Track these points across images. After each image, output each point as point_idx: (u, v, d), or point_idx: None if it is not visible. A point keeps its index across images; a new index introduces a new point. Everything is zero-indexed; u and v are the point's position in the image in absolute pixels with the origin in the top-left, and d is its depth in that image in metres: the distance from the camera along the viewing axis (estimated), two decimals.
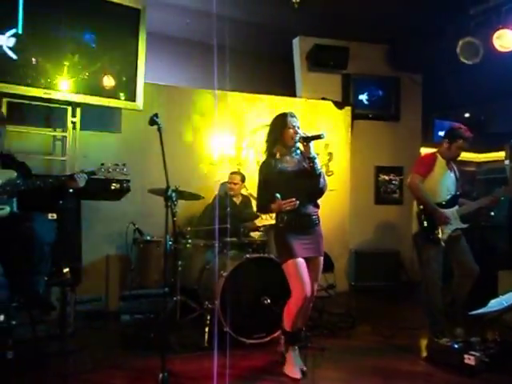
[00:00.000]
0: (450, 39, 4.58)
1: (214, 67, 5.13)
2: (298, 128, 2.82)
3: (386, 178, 5.94)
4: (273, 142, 2.89)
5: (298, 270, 2.72)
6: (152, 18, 4.25)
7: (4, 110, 3.56)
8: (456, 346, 3.00)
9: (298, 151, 2.88)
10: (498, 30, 4.06)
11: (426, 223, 3.42)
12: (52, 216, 2.80)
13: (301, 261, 2.74)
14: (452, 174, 3.56)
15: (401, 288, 5.40)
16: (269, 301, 3.35)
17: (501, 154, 7.33)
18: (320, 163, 2.87)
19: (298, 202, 2.70)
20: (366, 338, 3.66)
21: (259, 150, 4.99)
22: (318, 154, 2.87)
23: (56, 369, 2.81)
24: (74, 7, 3.80)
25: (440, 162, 3.51)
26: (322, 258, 2.88)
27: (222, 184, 4.63)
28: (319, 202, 2.92)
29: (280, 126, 2.84)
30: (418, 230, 3.51)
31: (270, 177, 2.82)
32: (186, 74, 5.44)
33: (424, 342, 3.66)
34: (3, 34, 3.48)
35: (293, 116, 2.87)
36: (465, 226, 3.48)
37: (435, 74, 5.73)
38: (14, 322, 2.52)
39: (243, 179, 4.45)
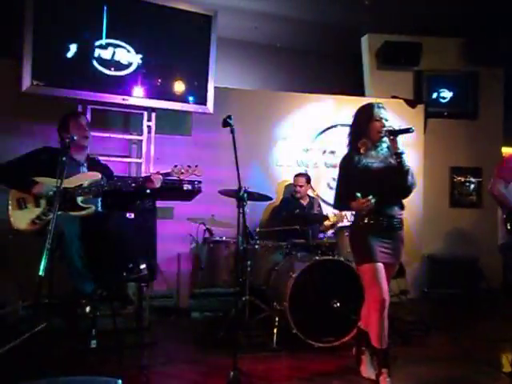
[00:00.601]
0: None
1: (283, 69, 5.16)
2: (386, 120, 2.57)
3: (462, 179, 5.60)
4: (357, 136, 2.64)
5: (377, 275, 2.51)
6: (221, 23, 4.36)
7: (89, 116, 3.83)
8: None
9: (385, 146, 2.63)
10: None
11: None
12: (130, 215, 2.96)
13: (380, 266, 2.53)
14: None
15: (479, 297, 5.05)
16: (338, 304, 3.29)
17: None
18: (408, 160, 2.59)
19: (373, 200, 2.45)
20: (441, 348, 3.46)
21: (326, 151, 4.95)
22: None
23: (133, 360, 2.96)
24: (149, 17, 4.00)
25: None
26: (397, 266, 2.70)
27: (288, 186, 4.63)
28: (405, 202, 2.70)
29: (365, 117, 2.60)
30: (505, 240, 3.19)
31: (352, 172, 2.59)
32: (255, 76, 5.51)
33: (506, 356, 3.39)
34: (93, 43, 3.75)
35: (380, 107, 2.61)
36: None
37: None
38: (98, 313, 2.69)
39: (309, 180, 4.42)
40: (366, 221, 2.57)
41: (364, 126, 2.60)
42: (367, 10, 4.80)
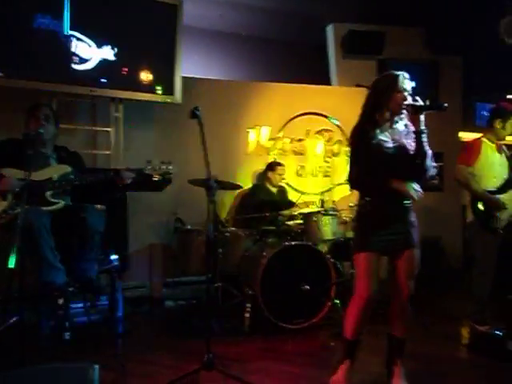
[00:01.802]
0: (491, 19, 4.42)
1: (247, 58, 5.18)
2: (409, 94, 2.32)
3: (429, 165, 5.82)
4: (375, 107, 2.32)
5: (369, 266, 2.29)
6: (187, 12, 4.34)
7: (54, 108, 3.76)
8: (498, 332, 2.97)
9: (402, 123, 2.37)
10: None
11: (481, 212, 3.30)
12: (101, 207, 2.96)
13: (374, 257, 2.30)
14: (503, 158, 3.40)
15: (441, 275, 5.31)
16: (308, 287, 3.42)
17: None
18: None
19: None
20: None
21: (294, 139, 5.04)
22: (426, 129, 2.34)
23: (108, 349, 3.00)
24: (114, 7, 3.94)
25: (488, 146, 3.36)
26: (416, 251, 2.37)
27: (258, 174, 4.71)
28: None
29: (388, 87, 2.29)
30: (472, 219, 3.39)
31: (365, 146, 2.28)
32: (221, 65, 5.51)
33: (465, 330, 3.62)
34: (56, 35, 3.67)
35: (406, 77, 2.34)
36: None
37: (475, 56, 5.53)
38: (71, 306, 2.71)
39: None
40: (371, 206, 2.32)
41: (386, 97, 2.30)
42: None
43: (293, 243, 3.53)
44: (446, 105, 2.34)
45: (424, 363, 2.86)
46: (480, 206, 3.30)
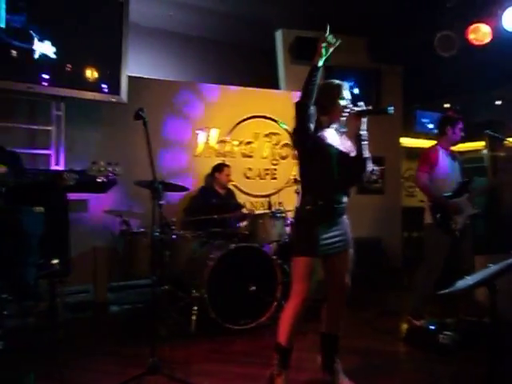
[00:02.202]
0: (429, 31, 4.70)
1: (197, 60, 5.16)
2: (350, 101, 2.42)
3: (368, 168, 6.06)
4: (320, 111, 2.38)
5: (310, 270, 2.31)
6: (135, 10, 4.27)
7: None
8: (432, 326, 3.17)
9: (339, 128, 2.48)
10: (472, 23, 4.19)
11: (439, 216, 3.46)
12: (39, 209, 2.84)
13: (316, 261, 2.34)
14: (456, 164, 3.62)
15: (382, 274, 5.57)
16: (254, 288, 3.46)
17: (480, 144, 7.57)
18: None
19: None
20: (345, 322, 3.80)
21: (242, 142, 5.09)
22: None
23: (48, 358, 2.88)
24: (59, 2, 3.80)
25: (442, 153, 3.55)
26: (351, 250, 2.48)
27: (207, 176, 4.71)
28: None
29: (333, 94, 2.40)
30: (430, 221, 3.53)
31: (317, 148, 2.33)
32: (169, 66, 5.45)
33: (403, 325, 3.82)
34: None
35: (347, 87, 2.47)
36: (476, 211, 3.53)
37: (415, 65, 5.85)
38: (5, 313, 2.57)
39: None
40: (312, 207, 2.32)
41: (330, 104, 2.40)
42: (279, 5, 4.97)
43: (239, 245, 3.56)
44: (391, 108, 2.41)
45: (362, 358, 3.00)
46: (438, 212, 3.47)
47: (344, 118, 2.43)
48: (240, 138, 5.09)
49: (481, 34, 4.15)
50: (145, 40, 5.24)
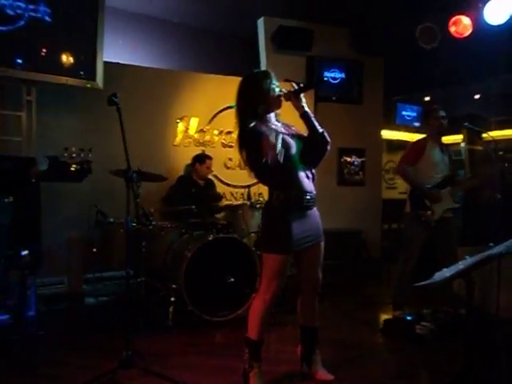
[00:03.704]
0: (410, 24, 4.69)
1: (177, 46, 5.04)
2: (278, 86, 2.33)
3: (349, 159, 6.08)
4: (257, 103, 2.27)
5: (282, 267, 2.25)
6: None
7: None
8: (409, 317, 3.20)
9: (276, 117, 2.39)
10: (453, 16, 4.19)
11: (417, 204, 3.55)
12: (8, 198, 2.72)
13: (288, 257, 2.28)
14: (445, 156, 3.65)
15: (361, 266, 5.61)
16: (232, 279, 3.42)
17: (459, 137, 7.67)
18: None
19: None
20: (325, 314, 3.80)
21: (223, 131, 5.01)
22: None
23: (19, 352, 2.79)
24: None
25: (432, 146, 3.61)
26: (323, 243, 2.40)
27: (186, 166, 4.62)
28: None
29: (265, 83, 2.29)
30: (409, 211, 3.63)
31: (257, 141, 2.16)
32: (148, 52, 5.32)
33: (382, 316, 3.85)
34: None
35: (272, 74, 2.36)
36: (457, 205, 3.58)
37: (396, 57, 5.85)
38: None
39: None
40: (281, 200, 2.23)
41: (264, 92, 2.28)
42: None
43: (218, 236, 3.51)
44: (321, 78, 2.36)
45: (340, 349, 3.00)
46: (416, 200, 3.56)
47: (280, 103, 2.33)
48: (220, 128, 5.00)
49: (462, 26, 4.16)
50: (123, 25, 5.10)
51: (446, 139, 8.36)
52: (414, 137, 7.79)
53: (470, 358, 1.86)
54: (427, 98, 7.87)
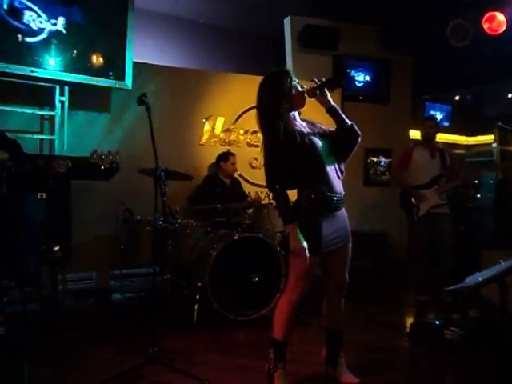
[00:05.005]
0: (441, 22, 4.58)
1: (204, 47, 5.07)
2: (298, 83, 2.28)
3: (375, 159, 6.00)
4: (277, 107, 2.21)
5: (312, 269, 2.22)
6: None
7: None
8: (437, 322, 3.12)
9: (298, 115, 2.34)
10: (487, 12, 4.07)
11: (406, 202, 4.13)
12: (41, 195, 2.80)
13: (318, 259, 2.25)
14: (435, 160, 4.10)
15: (388, 268, 5.52)
16: (257, 279, 3.42)
17: (490, 137, 7.45)
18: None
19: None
20: (350, 315, 3.76)
21: (248, 131, 5.02)
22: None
23: (49, 344, 2.87)
24: None
25: (418, 152, 4.17)
26: (350, 244, 2.36)
27: (211, 165, 4.65)
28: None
29: (287, 82, 2.23)
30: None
31: (288, 142, 2.15)
32: (176, 52, 5.38)
33: (408, 319, 3.77)
34: None
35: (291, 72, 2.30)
36: (443, 201, 4.04)
37: (426, 56, 5.74)
38: (5, 299, 2.55)
39: None
40: (311, 201, 2.18)
41: (287, 91, 2.22)
42: None
43: (243, 235, 3.51)
44: (347, 72, 2.37)
45: (365, 352, 2.95)
46: (405, 199, 4.17)
47: (304, 101, 2.27)
48: (246, 127, 5.01)
49: (496, 22, 4.04)
50: (152, 26, 5.17)
51: (477, 140, 8.18)
52: (443, 137, 7.67)
53: (503, 365, 1.80)
54: (457, 98, 7.68)
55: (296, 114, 2.33)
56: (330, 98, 2.26)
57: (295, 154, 2.17)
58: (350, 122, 2.28)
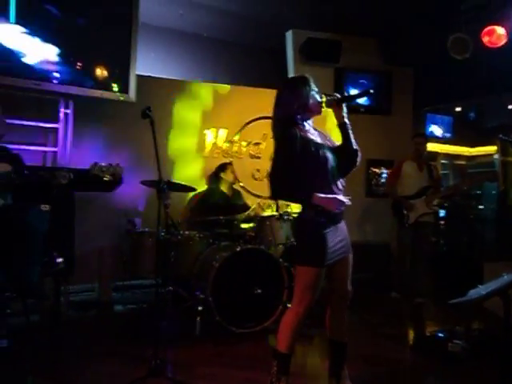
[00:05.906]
0: (441, 34, 4.63)
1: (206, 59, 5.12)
2: (317, 92, 2.29)
3: (377, 171, 6.01)
4: (297, 110, 2.22)
5: (318, 281, 2.22)
6: (145, 9, 4.26)
7: None
8: (440, 334, 3.10)
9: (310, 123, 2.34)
10: (487, 26, 4.11)
11: (397, 211, 4.66)
12: (45, 207, 2.82)
13: (324, 270, 2.24)
14: (423, 172, 4.59)
15: (390, 279, 5.48)
16: (259, 291, 3.41)
17: (492, 148, 7.46)
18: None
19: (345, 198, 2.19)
20: (353, 327, 3.73)
21: (251, 143, 5.05)
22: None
23: (51, 356, 2.86)
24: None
25: (409, 166, 4.65)
26: (351, 255, 2.37)
27: (209, 176, 4.66)
28: None
29: (306, 89, 2.24)
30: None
31: (302, 151, 2.15)
32: (179, 65, 5.43)
33: (411, 332, 3.75)
34: None
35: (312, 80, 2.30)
36: (431, 210, 4.49)
37: (427, 68, 5.78)
38: (8, 311, 2.56)
39: None
40: (318, 212, 2.17)
41: (305, 99, 2.22)
42: (290, 5, 4.94)
43: (246, 247, 3.52)
44: (371, 91, 2.39)
45: (368, 364, 2.94)
46: (396, 208, 4.69)
47: (321, 110, 2.27)
48: (248, 139, 5.04)
49: (495, 36, 4.07)
50: (155, 39, 5.23)
51: (479, 150, 8.19)
52: (444, 148, 7.69)
53: (507, 378, 1.79)
54: (458, 109, 7.71)
55: (310, 122, 2.33)
56: (345, 113, 2.26)
57: (307, 164, 2.17)
58: (355, 147, 2.27)
